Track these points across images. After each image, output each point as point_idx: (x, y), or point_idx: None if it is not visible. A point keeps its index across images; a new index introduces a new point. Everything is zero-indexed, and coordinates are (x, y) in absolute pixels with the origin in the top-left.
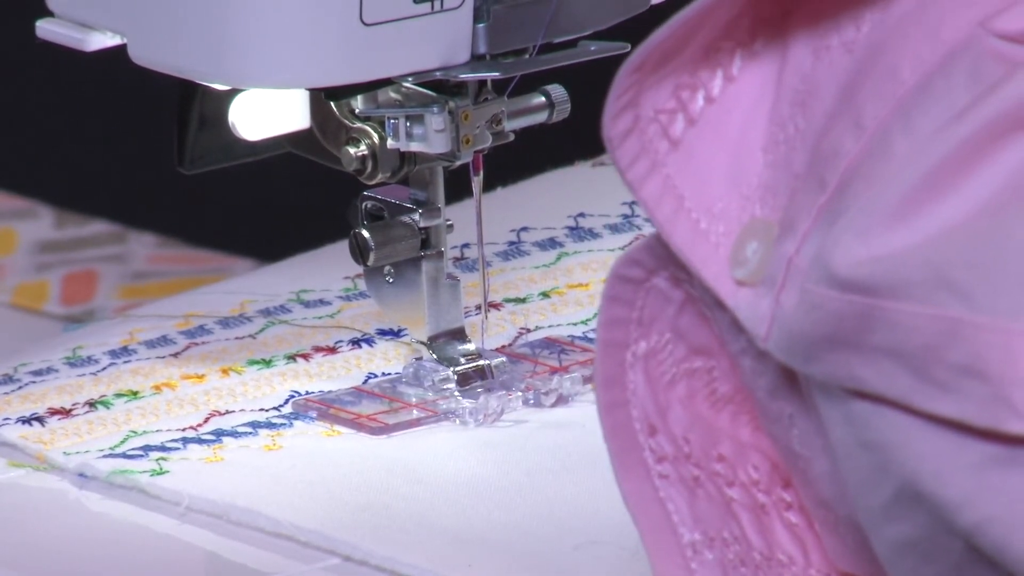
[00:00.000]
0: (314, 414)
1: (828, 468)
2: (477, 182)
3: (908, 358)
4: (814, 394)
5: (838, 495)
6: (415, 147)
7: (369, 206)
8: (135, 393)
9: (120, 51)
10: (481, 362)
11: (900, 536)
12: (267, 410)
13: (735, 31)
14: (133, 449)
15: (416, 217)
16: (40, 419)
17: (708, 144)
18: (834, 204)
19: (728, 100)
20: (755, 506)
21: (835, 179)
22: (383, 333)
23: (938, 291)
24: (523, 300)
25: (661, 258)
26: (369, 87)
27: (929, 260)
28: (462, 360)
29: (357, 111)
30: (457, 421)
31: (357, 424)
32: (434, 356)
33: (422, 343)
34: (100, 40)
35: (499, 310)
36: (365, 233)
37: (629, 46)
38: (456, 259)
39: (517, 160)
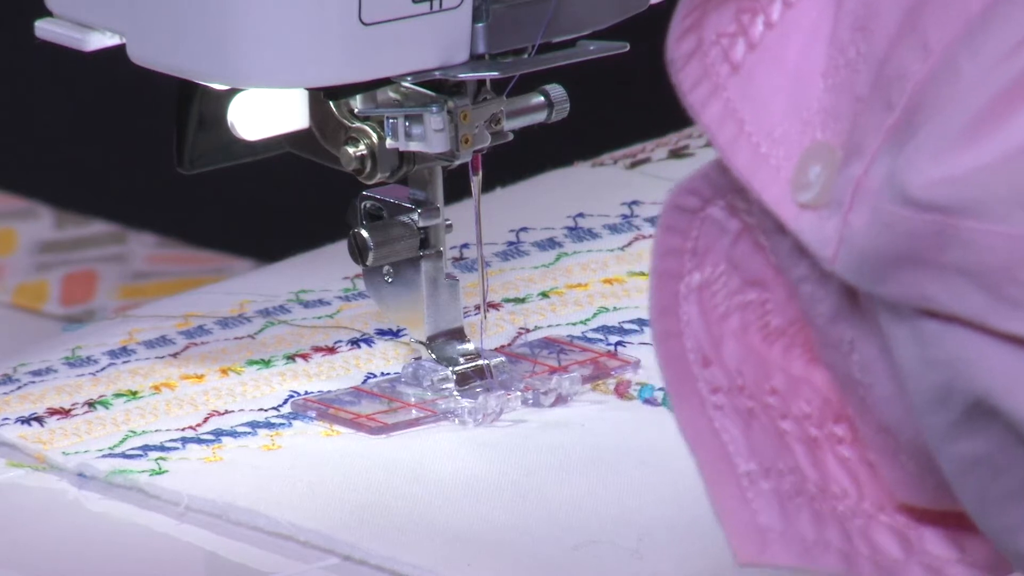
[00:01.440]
0: (313, 414)
1: (891, 391)
2: (476, 182)
3: (982, 277)
4: (880, 315)
5: (901, 418)
6: (414, 147)
7: (368, 206)
8: (134, 393)
9: (120, 51)
10: (480, 362)
11: (968, 453)
12: (266, 410)
13: None
14: (132, 449)
15: (415, 217)
16: (39, 419)
17: (768, 69)
18: (903, 125)
19: (787, 25)
20: (808, 439)
21: (902, 101)
22: (382, 333)
23: (1015, 210)
24: (522, 300)
25: (718, 187)
26: (368, 87)
27: (1005, 179)
28: (461, 360)
29: (356, 111)
30: (456, 421)
31: (356, 424)
32: (433, 356)
33: (421, 343)
34: (99, 40)
35: (498, 310)
36: (364, 233)
37: (628, 45)
38: (455, 259)
39: (516, 160)
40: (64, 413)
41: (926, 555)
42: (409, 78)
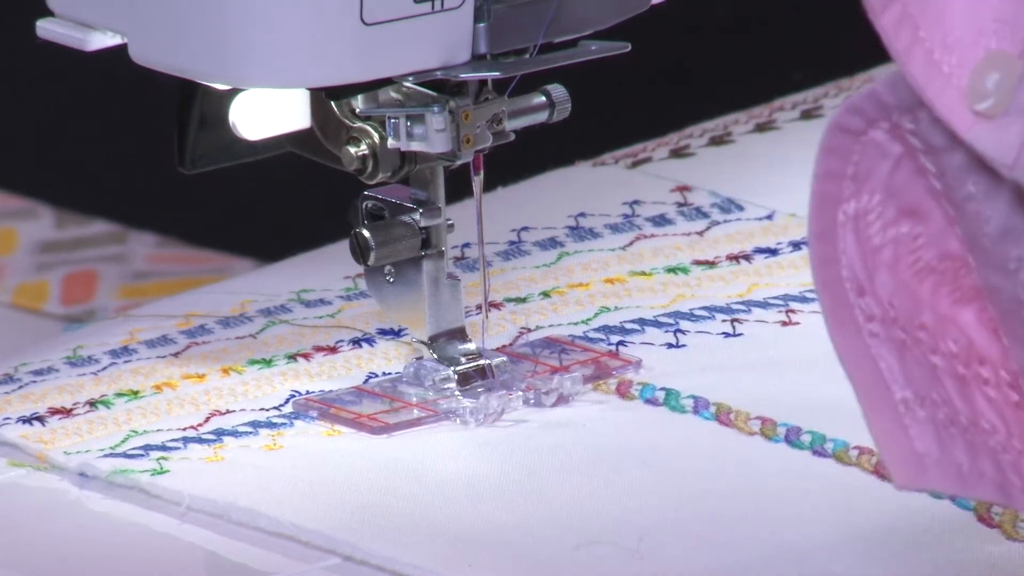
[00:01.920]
0: (315, 414)
1: None
2: (478, 182)
3: None
4: None
5: None
6: (416, 147)
7: (370, 206)
8: (136, 393)
9: (120, 51)
10: (482, 362)
11: None
12: (268, 410)
13: None
14: (134, 449)
15: (417, 217)
16: (41, 419)
17: None
18: None
19: None
20: (957, 376)
21: None
22: (384, 333)
23: None
24: (524, 300)
25: (884, 106)
26: (370, 87)
27: None
28: (463, 360)
29: (358, 111)
30: (458, 421)
31: (358, 424)
32: (435, 356)
33: (423, 343)
34: (100, 40)
35: (500, 310)
36: (366, 233)
37: (629, 46)
38: (457, 259)
39: (518, 160)
40: (65, 413)
41: None
42: (411, 78)
